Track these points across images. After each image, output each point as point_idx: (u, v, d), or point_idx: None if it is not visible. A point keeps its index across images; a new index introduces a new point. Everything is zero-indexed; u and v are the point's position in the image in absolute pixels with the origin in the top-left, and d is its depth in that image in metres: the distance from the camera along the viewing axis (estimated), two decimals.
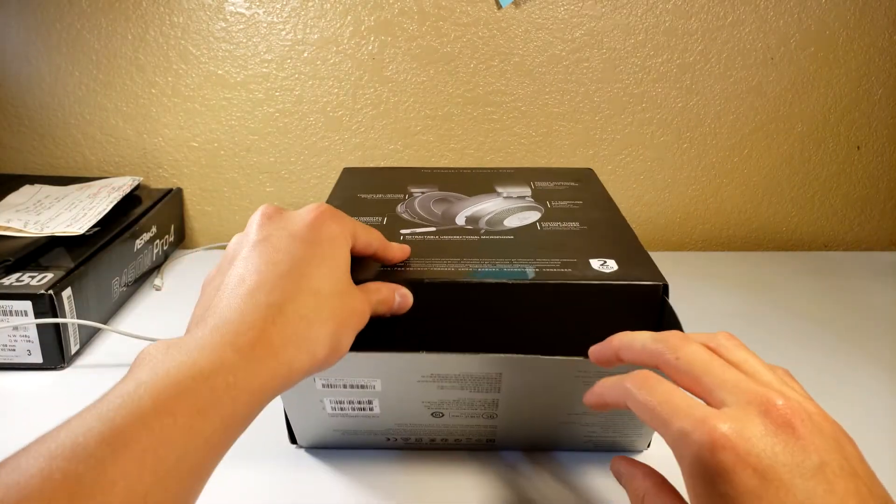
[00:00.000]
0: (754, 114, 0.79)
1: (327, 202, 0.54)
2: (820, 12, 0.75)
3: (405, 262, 0.43)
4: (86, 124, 0.77)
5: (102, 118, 0.77)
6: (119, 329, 0.60)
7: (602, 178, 0.81)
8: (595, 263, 0.44)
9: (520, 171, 0.62)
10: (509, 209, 0.53)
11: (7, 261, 0.56)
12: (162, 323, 0.63)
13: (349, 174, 0.62)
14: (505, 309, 0.42)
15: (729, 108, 0.79)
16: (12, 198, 0.69)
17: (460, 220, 0.51)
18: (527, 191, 0.57)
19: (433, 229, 0.49)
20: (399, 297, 0.40)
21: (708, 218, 0.84)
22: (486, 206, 0.53)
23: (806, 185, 0.83)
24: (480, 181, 0.59)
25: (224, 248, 0.81)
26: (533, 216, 0.52)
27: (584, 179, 0.61)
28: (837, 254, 0.83)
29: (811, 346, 0.61)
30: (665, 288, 0.42)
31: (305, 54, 0.75)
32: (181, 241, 0.80)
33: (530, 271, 0.42)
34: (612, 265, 0.43)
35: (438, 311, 0.42)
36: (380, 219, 0.51)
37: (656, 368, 0.32)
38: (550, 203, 0.54)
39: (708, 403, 0.29)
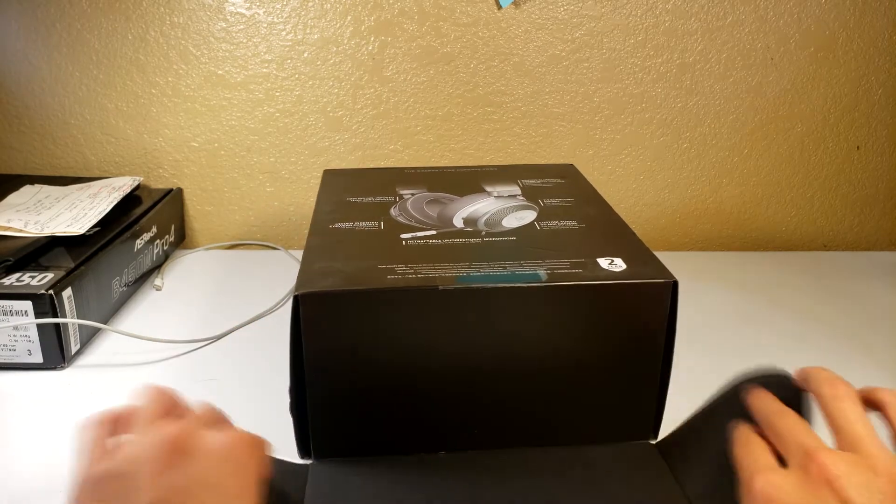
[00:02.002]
0: (754, 114, 0.79)
1: (316, 207, 0.54)
2: (820, 12, 0.75)
3: (414, 269, 0.43)
4: (86, 124, 0.77)
5: (103, 118, 0.77)
6: (119, 329, 0.60)
7: (602, 178, 0.81)
8: (603, 263, 0.44)
9: (504, 170, 0.63)
10: (505, 209, 0.53)
11: (7, 261, 0.56)
12: (162, 323, 0.63)
13: (332, 176, 0.61)
14: (519, 312, 0.42)
15: (729, 108, 0.79)
16: (12, 198, 0.69)
17: (458, 222, 0.51)
18: (516, 189, 0.57)
19: (433, 232, 0.49)
20: None
21: (708, 218, 0.84)
22: (480, 207, 0.53)
23: (806, 185, 0.83)
24: (467, 180, 0.59)
25: (224, 248, 0.81)
26: (529, 216, 0.52)
27: (569, 176, 0.61)
28: (837, 254, 0.83)
29: (811, 345, 0.61)
30: (675, 285, 0.42)
31: (305, 54, 0.75)
32: (181, 241, 0.80)
33: (542, 273, 0.42)
34: (620, 264, 0.44)
35: (452, 317, 0.42)
36: (375, 223, 0.50)
37: None
38: (542, 201, 0.55)
39: None
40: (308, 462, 0.45)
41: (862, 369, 0.58)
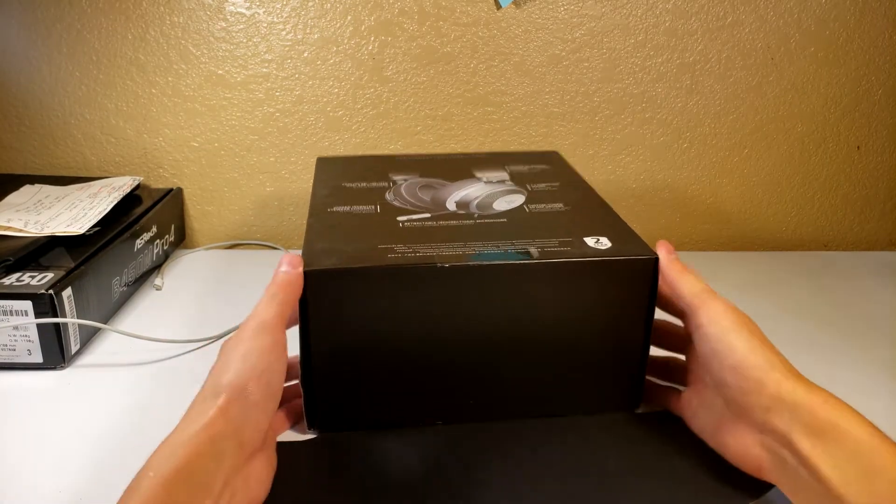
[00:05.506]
0: (754, 114, 0.79)
1: (313, 191, 0.56)
2: (820, 12, 0.75)
3: (413, 249, 0.44)
4: (86, 124, 0.77)
5: (103, 118, 0.77)
6: (119, 329, 0.60)
7: (602, 178, 0.81)
8: (590, 241, 0.46)
9: (491, 157, 0.65)
10: (494, 193, 0.55)
11: (7, 261, 0.56)
12: (162, 323, 0.63)
13: (325, 163, 0.63)
14: (512, 287, 0.44)
15: (729, 108, 0.79)
16: (12, 198, 0.69)
17: (451, 206, 0.52)
18: (504, 175, 0.59)
19: (428, 215, 0.50)
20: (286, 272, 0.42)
21: (708, 218, 0.84)
22: (471, 191, 0.55)
23: (806, 185, 0.83)
24: (457, 167, 0.61)
25: (224, 248, 0.81)
26: (518, 199, 0.54)
27: (554, 162, 0.64)
28: (837, 254, 0.83)
29: (811, 345, 0.61)
30: (657, 261, 0.45)
31: (305, 54, 0.75)
32: (181, 240, 0.80)
33: (534, 251, 0.44)
34: (605, 242, 0.46)
35: (449, 293, 0.44)
36: (372, 207, 0.52)
37: None
38: (530, 186, 0.57)
39: None
40: (314, 435, 0.47)
41: (862, 369, 0.58)
